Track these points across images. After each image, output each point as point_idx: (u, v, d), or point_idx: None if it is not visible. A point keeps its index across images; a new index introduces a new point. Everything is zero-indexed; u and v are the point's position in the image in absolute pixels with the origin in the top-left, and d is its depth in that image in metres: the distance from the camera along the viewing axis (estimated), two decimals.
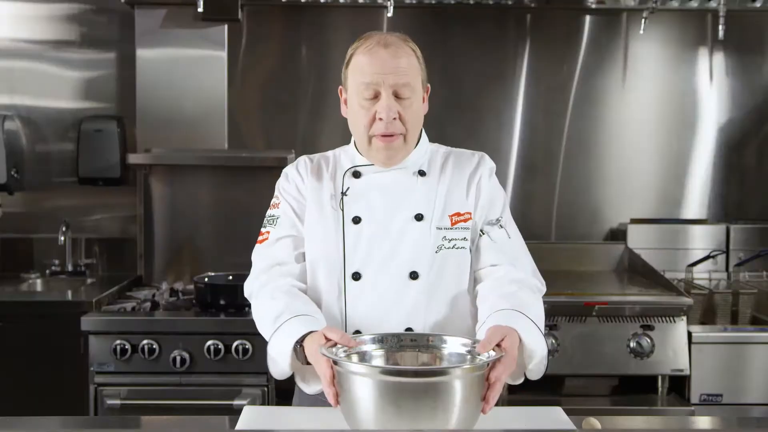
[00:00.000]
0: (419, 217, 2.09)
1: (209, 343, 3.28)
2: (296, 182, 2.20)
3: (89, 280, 3.95)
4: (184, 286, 3.89)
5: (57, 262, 4.02)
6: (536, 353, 1.93)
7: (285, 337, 1.99)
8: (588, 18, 4.18)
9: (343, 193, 2.15)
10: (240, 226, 4.01)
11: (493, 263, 2.12)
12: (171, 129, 3.96)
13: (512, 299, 2.00)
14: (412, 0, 3.99)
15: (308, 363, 1.92)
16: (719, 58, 4.19)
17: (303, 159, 2.25)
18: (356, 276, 2.08)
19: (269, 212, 2.22)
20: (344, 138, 2.63)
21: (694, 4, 4.00)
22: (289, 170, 2.24)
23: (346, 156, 2.22)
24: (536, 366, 1.95)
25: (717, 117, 4.22)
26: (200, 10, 3.81)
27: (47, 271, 4.01)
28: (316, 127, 4.14)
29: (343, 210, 2.12)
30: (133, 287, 3.89)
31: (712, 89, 4.21)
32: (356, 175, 2.17)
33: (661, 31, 4.17)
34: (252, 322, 3.30)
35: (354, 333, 2.05)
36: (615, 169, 4.22)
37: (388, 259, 2.07)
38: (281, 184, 2.23)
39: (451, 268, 2.09)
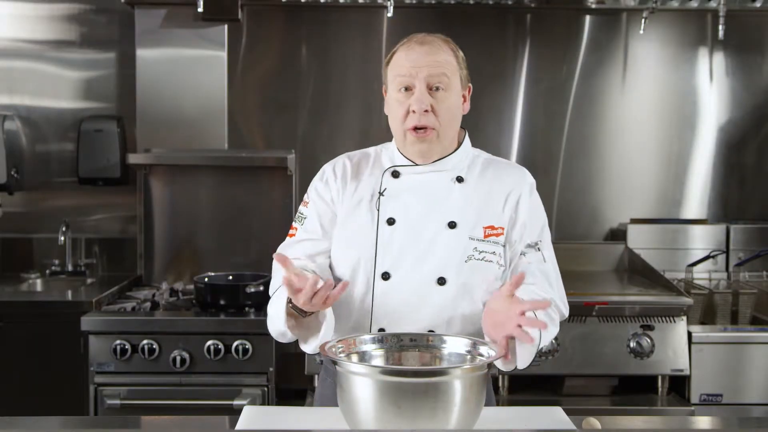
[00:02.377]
0: (452, 225, 2.11)
1: (209, 343, 3.28)
2: (330, 183, 2.22)
3: (89, 280, 3.95)
4: (184, 286, 3.89)
5: (57, 262, 4.02)
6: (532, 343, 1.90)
7: (280, 293, 2.04)
8: (588, 18, 4.18)
9: (381, 194, 2.17)
10: (240, 226, 4.01)
11: (528, 283, 2.09)
12: (171, 129, 3.96)
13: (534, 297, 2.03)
14: (412, 0, 3.99)
15: (302, 314, 1.97)
16: (719, 58, 4.19)
17: (342, 159, 2.27)
18: (386, 276, 2.11)
19: (300, 208, 2.26)
20: (345, 138, 2.63)
21: (694, 4, 4.00)
22: (326, 169, 2.26)
23: (386, 154, 2.24)
24: (526, 351, 1.92)
25: (717, 117, 4.22)
26: (200, 10, 3.81)
27: (47, 271, 4.01)
28: (316, 127, 4.14)
29: (378, 210, 2.15)
30: (133, 287, 3.89)
31: (712, 89, 4.21)
32: (395, 174, 2.18)
33: (661, 31, 4.17)
34: (252, 322, 3.34)
35: (378, 330, 2.09)
36: (615, 169, 4.22)
37: (417, 263, 2.10)
38: (314, 184, 2.26)
39: (478, 279, 2.10)
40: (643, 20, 4.00)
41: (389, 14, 3.85)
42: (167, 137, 3.95)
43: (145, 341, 3.29)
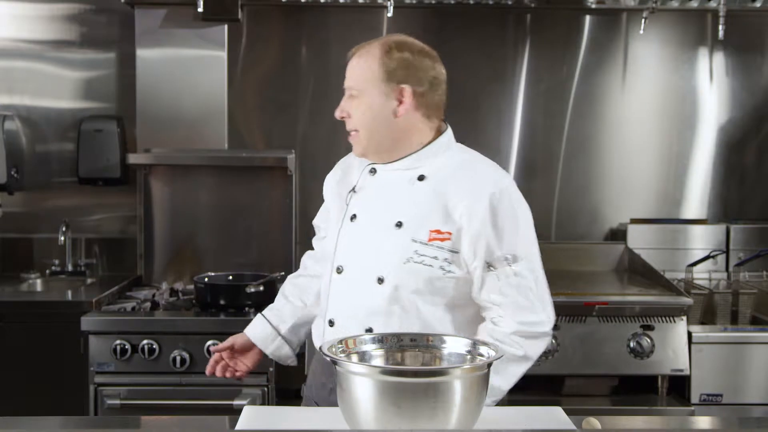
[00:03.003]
0: (399, 225, 2.11)
1: (209, 343, 3.28)
2: (328, 183, 2.39)
3: (89, 280, 3.95)
4: (184, 286, 3.89)
5: (57, 262, 4.02)
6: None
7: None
8: (588, 18, 4.18)
9: (353, 190, 2.24)
10: (240, 226, 4.01)
11: (493, 301, 2.11)
12: (171, 129, 3.96)
13: None
14: (412, 0, 3.99)
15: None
16: (719, 58, 4.19)
17: (344, 158, 2.39)
18: (339, 269, 2.20)
19: None
20: (344, 138, 2.62)
21: (694, 4, 4.00)
22: (333, 169, 2.43)
23: None
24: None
25: (717, 117, 4.22)
26: (200, 10, 3.81)
27: (47, 271, 4.01)
28: (316, 127, 4.14)
29: (348, 205, 2.23)
30: (133, 287, 3.89)
31: (712, 89, 4.21)
32: (372, 171, 2.23)
33: (661, 31, 4.17)
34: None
35: (329, 322, 2.23)
36: (615, 169, 4.22)
37: (364, 260, 2.16)
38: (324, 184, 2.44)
39: (419, 283, 2.09)
40: (643, 20, 4.00)
41: (389, 14, 3.85)
42: (167, 137, 3.95)
43: (145, 341, 3.29)
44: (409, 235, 2.10)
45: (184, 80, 3.97)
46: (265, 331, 2.42)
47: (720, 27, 3.76)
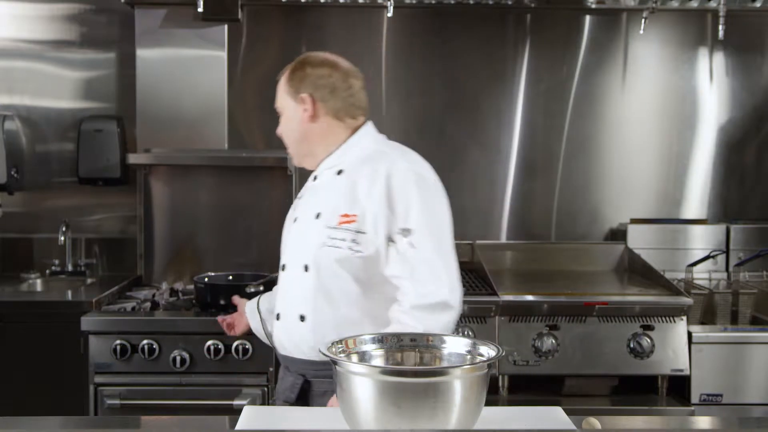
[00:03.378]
0: (318, 216, 2.35)
1: (209, 343, 3.28)
2: None
3: (89, 280, 3.95)
4: (184, 286, 3.89)
5: (57, 262, 4.02)
6: None
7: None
8: (588, 18, 4.18)
9: (299, 197, 2.52)
10: (240, 226, 4.01)
11: (395, 274, 2.27)
12: (171, 129, 3.96)
13: None
14: (412, 0, 3.99)
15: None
16: (719, 58, 4.19)
17: None
18: (283, 267, 2.45)
19: None
20: None
21: (694, 4, 4.00)
22: None
23: None
24: None
25: (717, 117, 4.22)
26: (200, 10, 3.81)
27: (47, 271, 4.01)
28: None
29: (294, 211, 2.50)
30: (133, 287, 3.89)
31: (712, 89, 4.21)
32: (314, 178, 2.48)
33: (661, 31, 4.17)
34: None
35: (276, 315, 2.46)
36: (615, 169, 4.22)
37: (294, 253, 2.40)
38: None
39: (333, 265, 2.29)
40: (643, 20, 4.01)
41: (389, 14, 3.85)
42: (167, 137, 3.95)
43: (145, 341, 3.28)
44: (324, 223, 2.32)
45: (184, 80, 3.97)
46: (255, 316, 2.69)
47: (720, 27, 3.76)
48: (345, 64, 2.48)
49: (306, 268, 2.33)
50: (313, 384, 2.36)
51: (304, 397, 2.36)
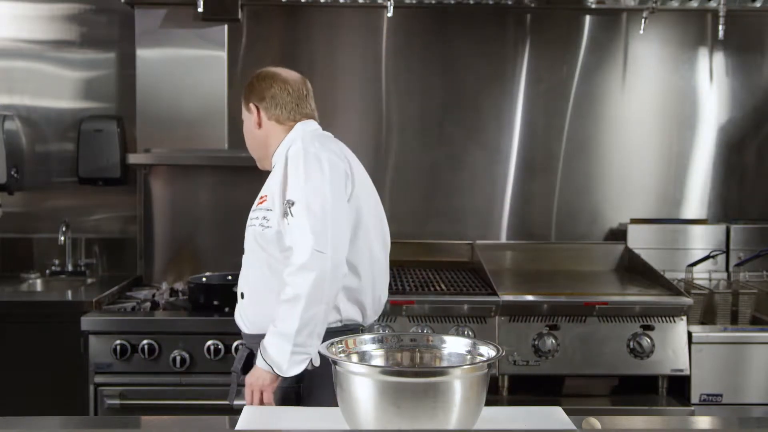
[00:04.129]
0: (251, 206, 2.62)
1: (209, 343, 3.28)
2: None
3: (89, 280, 3.95)
4: (184, 286, 3.88)
5: (57, 262, 4.02)
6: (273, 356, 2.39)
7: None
8: (588, 18, 4.18)
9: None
10: (240, 226, 3.96)
11: (289, 245, 2.44)
12: (171, 129, 3.95)
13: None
14: (412, 0, 3.99)
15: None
16: (719, 58, 4.19)
17: None
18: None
19: None
20: (344, 138, 2.64)
21: (694, 4, 4.00)
22: None
23: None
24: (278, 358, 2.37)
25: (717, 117, 4.22)
26: (200, 10, 3.81)
27: (47, 271, 4.01)
28: None
29: None
30: (133, 287, 3.89)
31: (712, 89, 4.20)
32: None
33: (661, 31, 4.17)
34: None
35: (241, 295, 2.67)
36: (615, 169, 4.22)
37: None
38: None
39: (252, 243, 2.58)
40: (643, 20, 4.00)
41: (389, 14, 3.84)
42: (167, 137, 3.95)
43: (145, 341, 3.29)
44: (252, 208, 2.60)
45: (184, 80, 3.96)
46: None
47: (720, 27, 3.75)
48: (289, 75, 2.71)
49: (244, 251, 2.64)
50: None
51: (247, 368, 2.51)
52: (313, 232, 2.38)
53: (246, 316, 2.60)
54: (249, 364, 2.49)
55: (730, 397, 3.35)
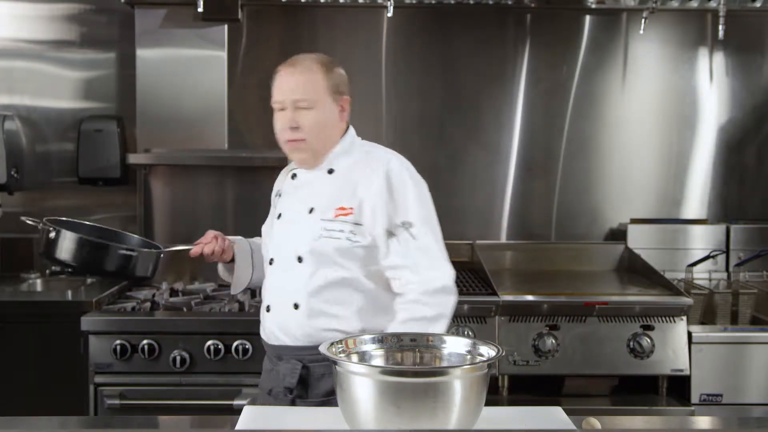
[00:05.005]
0: (311, 211, 2.46)
1: (209, 343, 3.28)
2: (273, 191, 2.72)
3: (89, 280, 3.95)
4: (184, 286, 3.89)
5: None
6: None
7: None
8: (588, 18, 4.18)
9: (278, 194, 2.63)
10: (240, 226, 4.00)
11: (395, 265, 2.40)
12: (171, 129, 3.95)
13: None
14: (412, 0, 3.99)
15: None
16: (719, 58, 4.19)
17: (284, 169, 2.71)
18: (271, 262, 2.55)
19: None
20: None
21: (694, 4, 4.00)
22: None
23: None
24: None
25: (717, 117, 4.22)
26: (200, 10, 3.81)
27: (47, 271, 4.01)
28: None
29: (276, 208, 2.61)
30: (133, 287, 3.89)
31: (712, 89, 4.21)
32: (293, 176, 2.58)
33: (661, 31, 4.17)
34: (252, 322, 3.33)
35: (266, 307, 2.54)
36: (615, 169, 4.22)
37: (285, 247, 2.49)
38: None
39: (330, 253, 2.41)
40: (643, 20, 4.00)
41: (389, 14, 3.85)
42: (167, 137, 3.95)
43: (145, 341, 3.28)
44: (319, 216, 2.44)
45: (184, 80, 3.96)
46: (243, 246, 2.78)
47: (720, 27, 3.76)
48: None
49: (300, 260, 2.44)
50: (312, 369, 2.43)
51: (302, 382, 2.44)
52: (444, 255, 2.44)
53: (300, 328, 2.44)
54: (303, 379, 2.43)
55: (730, 397, 3.35)
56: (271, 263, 2.55)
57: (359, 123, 4.13)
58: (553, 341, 3.35)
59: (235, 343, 3.27)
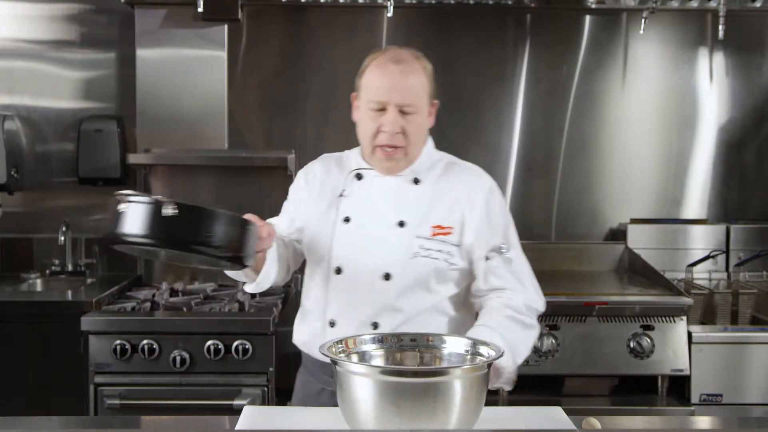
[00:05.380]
0: (402, 224, 2.24)
1: (209, 343, 3.28)
2: (314, 170, 2.41)
3: (89, 280, 3.95)
4: (184, 286, 3.89)
5: (57, 262, 4.02)
6: (504, 371, 2.06)
7: None
8: (588, 18, 4.18)
9: (341, 194, 2.32)
10: None
11: (497, 287, 2.25)
12: (171, 129, 3.96)
13: (500, 320, 2.16)
14: (412, 0, 3.99)
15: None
16: (719, 58, 4.19)
17: (315, 164, 2.45)
18: (338, 270, 2.26)
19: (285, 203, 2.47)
20: (344, 138, 2.64)
21: (694, 4, 4.00)
22: (300, 174, 2.45)
23: (354, 157, 2.38)
24: (504, 382, 2.09)
25: (717, 117, 4.22)
26: (200, 10, 3.81)
27: (47, 271, 4.01)
28: (316, 127, 4.14)
29: (338, 209, 2.30)
30: (133, 287, 3.89)
31: (712, 89, 4.21)
32: (359, 177, 2.33)
33: (661, 31, 4.17)
34: (252, 322, 3.34)
35: (329, 321, 2.26)
36: (615, 169, 4.22)
37: (366, 259, 2.24)
38: (293, 185, 2.46)
39: (425, 275, 2.22)
40: (643, 20, 4.00)
41: (389, 14, 3.85)
42: (167, 137, 3.95)
43: (145, 341, 3.28)
44: (413, 232, 2.23)
45: (184, 80, 3.97)
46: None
47: (720, 27, 3.75)
48: None
49: (387, 277, 2.21)
50: None
51: None
52: (537, 283, 2.32)
53: None
54: None
55: (730, 397, 3.35)
56: (338, 272, 2.26)
57: None
58: (553, 341, 3.35)
59: (235, 343, 3.27)
